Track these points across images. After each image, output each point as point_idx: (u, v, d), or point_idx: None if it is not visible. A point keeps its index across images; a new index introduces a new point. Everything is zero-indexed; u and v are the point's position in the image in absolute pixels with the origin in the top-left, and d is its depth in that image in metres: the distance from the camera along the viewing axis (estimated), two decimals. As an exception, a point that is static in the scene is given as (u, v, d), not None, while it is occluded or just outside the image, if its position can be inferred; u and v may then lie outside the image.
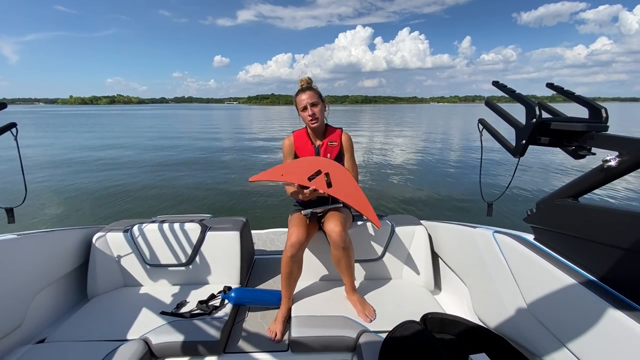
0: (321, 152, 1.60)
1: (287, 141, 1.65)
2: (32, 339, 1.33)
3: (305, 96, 1.54)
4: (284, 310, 1.48)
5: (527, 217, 1.12)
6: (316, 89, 1.59)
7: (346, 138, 1.64)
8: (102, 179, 7.30)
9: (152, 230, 1.69)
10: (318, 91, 1.59)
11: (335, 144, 1.62)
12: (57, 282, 1.53)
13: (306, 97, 1.54)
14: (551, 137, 0.91)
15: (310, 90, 1.56)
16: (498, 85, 1.03)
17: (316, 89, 1.59)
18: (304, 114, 1.56)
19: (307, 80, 1.61)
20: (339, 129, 1.67)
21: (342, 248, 1.41)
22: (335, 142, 1.62)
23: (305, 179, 1.36)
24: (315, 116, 1.54)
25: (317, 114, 1.54)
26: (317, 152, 1.60)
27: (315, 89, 1.58)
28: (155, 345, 1.25)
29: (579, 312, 0.87)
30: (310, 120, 1.55)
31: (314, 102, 1.53)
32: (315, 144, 1.62)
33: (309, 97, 1.53)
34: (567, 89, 0.98)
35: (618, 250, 0.80)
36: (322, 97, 1.60)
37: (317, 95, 1.56)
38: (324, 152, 1.60)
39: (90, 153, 11.32)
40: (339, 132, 1.65)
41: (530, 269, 1.06)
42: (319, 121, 1.56)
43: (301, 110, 1.56)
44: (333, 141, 1.62)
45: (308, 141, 1.62)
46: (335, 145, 1.62)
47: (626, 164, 0.76)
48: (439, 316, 1.24)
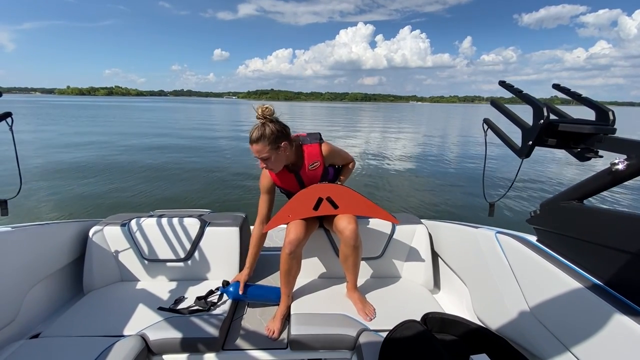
0: (304, 178, 1.52)
1: (265, 178, 1.53)
2: (25, 334, 1.31)
3: (254, 150, 1.36)
4: (283, 307, 1.47)
5: (531, 218, 1.11)
6: (267, 134, 1.33)
7: (326, 150, 1.50)
8: (99, 172, 7.24)
9: (150, 224, 1.66)
10: (272, 134, 1.33)
11: (317, 164, 1.50)
12: (52, 276, 1.50)
13: (255, 152, 1.36)
14: (558, 139, 0.90)
15: (258, 142, 1.33)
16: (505, 85, 1.02)
17: (268, 132, 1.33)
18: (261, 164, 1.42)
19: (263, 114, 1.35)
20: (316, 144, 1.49)
21: (353, 246, 1.39)
22: (316, 163, 1.50)
23: (312, 211, 1.40)
24: (270, 168, 1.43)
25: (271, 166, 1.41)
26: (299, 181, 1.53)
27: (266, 134, 1.33)
28: (153, 342, 1.23)
29: (582, 314, 0.87)
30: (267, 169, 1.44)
31: (263, 156, 1.36)
32: (295, 172, 1.51)
33: (258, 151, 1.35)
34: (574, 91, 0.97)
35: (623, 254, 0.80)
36: (278, 139, 1.35)
37: (268, 145, 1.34)
38: (307, 177, 1.52)
39: (87, 145, 11.21)
40: (316, 147, 1.49)
41: (533, 271, 1.05)
42: (278, 167, 1.43)
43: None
44: (314, 163, 1.49)
45: (286, 172, 1.50)
46: (317, 165, 1.50)
47: (634, 168, 0.75)
48: (439, 316, 1.23)
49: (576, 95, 0.95)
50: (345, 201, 1.43)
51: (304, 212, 1.42)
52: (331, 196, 1.43)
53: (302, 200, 1.45)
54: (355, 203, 1.44)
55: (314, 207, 1.41)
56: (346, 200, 1.44)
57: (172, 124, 21.71)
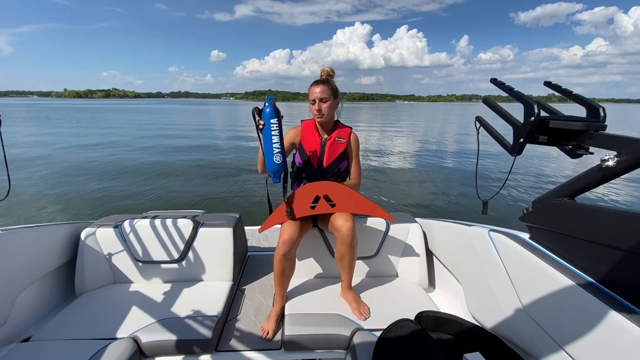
0: (327, 146, 1.58)
1: (294, 130, 1.63)
2: (16, 338, 1.30)
3: (318, 90, 1.51)
4: (277, 308, 1.46)
5: (523, 215, 1.11)
6: (332, 84, 1.55)
7: (354, 138, 1.64)
8: (91, 174, 7.21)
9: (143, 226, 1.65)
10: (334, 86, 1.56)
11: (342, 140, 1.60)
12: (43, 278, 1.49)
13: (318, 91, 1.51)
14: (549, 136, 0.90)
15: (325, 84, 1.52)
16: (496, 83, 1.01)
17: (333, 84, 1.56)
18: (312, 107, 1.55)
19: (329, 72, 1.58)
20: (348, 128, 1.65)
21: (349, 244, 1.39)
22: (342, 139, 1.60)
23: (308, 209, 1.40)
24: (321, 112, 1.52)
25: (323, 110, 1.52)
26: (323, 145, 1.58)
27: (331, 83, 1.55)
28: (145, 344, 1.22)
29: (573, 311, 0.86)
30: (316, 115, 1.54)
31: (324, 97, 1.51)
32: (323, 137, 1.60)
33: (321, 91, 1.51)
34: (565, 88, 0.96)
35: (614, 251, 0.80)
36: (336, 93, 1.57)
37: (331, 91, 1.53)
38: (330, 146, 1.58)
39: (80, 147, 11.17)
40: (348, 130, 1.64)
41: (526, 268, 1.05)
42: (325, 117, 1.54)
43: (311, 102, 1.55)
44: (341, 137, 1.60)
45: (315, 133, 1.60)
46: (343, 142, 1.60)
47: (624, 164, 0.75)
48: (433, 315, 1.23)
49: (567, 93, 0.95)
50: (342, 199, 1.42)
51: (302, 210, 1.41)
52: (328, 194, 1.42)
53: (299, 198, 1.44)
54: (352, 201, 1.43)
55: (311, 205, 1.40)
56: (344, 199, 1.43)
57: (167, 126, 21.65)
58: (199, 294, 1.55)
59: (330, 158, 1.58)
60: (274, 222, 1.44)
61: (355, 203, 1.44)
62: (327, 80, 1.55)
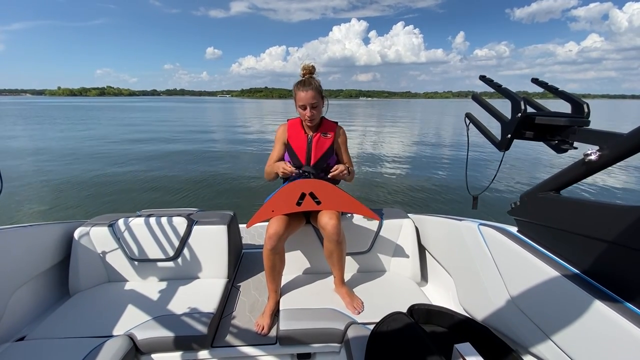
0: (313, 143, 1.61)
1: (281, 129, 1.66)
2: (10, 337, 1.30)
3: (308, 96, 1.50)
4: (272, 303, 1.47)
5: (511, 209, 1.13)
6: (317, 85, 1.54)
7: (341, 132, 1.67)
8: (84, 172, 7.14)
9: (137, 224, 1.65)
10: (319, 87, 1.54)
11: (328, 135, 1.63)
12: (37, 278, 1.49)
13: (308, 97, 1.50)
14: (535, 132, 0.92)
15: (312, 88, 1.50)
16: (485, 80, 1.03)
17: (317, 84, 1.54)
18: (302, 112, 1.55)
19: (310, 70, 1.56)
20: (334, 123, 1.67)
21: (336, 241, 1.41)
22: (328, 134, 1.63)
23: (294, 206, 1.42)
24: (313, 117, 1.55)
25: (315, 116, 1.55)
26: (309, 142, 1.61)
27: (316, 85, 1.53)
28: (141, 341, 1.23)
29: (560, 302, 0.89)
30: (307, 120, 1.57)
31: (314, 102, 1.51)
32: (309, 134, 1.63)
33: (310, 97, 1.50)
34: (551, 84, 0.98)
35: (597, 242, 0.82)
36: (322, 92, 1.56)
37: (319, 94, 1.53)
38: (316, 143, 1.61)
39: (72, 145, 11.06)
40: (333, 125, 1.67)
41: (514, 261, 1.07)
42: (318, 116, 1.58)
43: (300, 107, 1.55)
44: (326, 133, 1.63)
45: (302, 131, 1.63)
46: (329, 137, 1.63)
47: (606, 158, 0.77)
48: (425, 307, 1.25)
49: (553, 89, 0.97)
50: (327, 197, 1.44)
51: (287, 207, 1.42)
52: (314, 192, 1.44)
53: (286, 195, 1.46)
54: (337, 199, 1.45)
55: (297, 202, 1.41)
56: (329, 197, 1.44)
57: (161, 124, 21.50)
58: (194, 291, 1.56)
59: (318, 154, 1.62)
60: (260, 218, 1.43)
61: (341, 201, 1.45)
62: (312, 81, 1.53)
